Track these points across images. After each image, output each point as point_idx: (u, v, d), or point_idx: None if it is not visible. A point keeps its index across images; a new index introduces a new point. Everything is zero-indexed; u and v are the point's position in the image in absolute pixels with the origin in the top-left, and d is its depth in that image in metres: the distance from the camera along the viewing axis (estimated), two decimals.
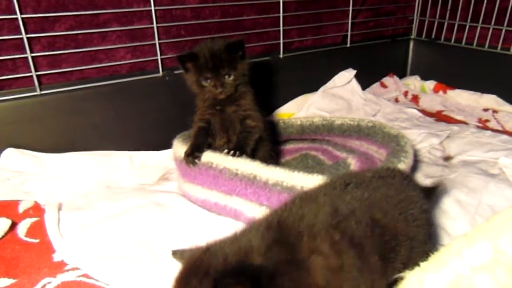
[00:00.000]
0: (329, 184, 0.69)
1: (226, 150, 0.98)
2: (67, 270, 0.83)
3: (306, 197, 0.64)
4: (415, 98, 1.86)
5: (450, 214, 1.02)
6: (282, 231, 0.55)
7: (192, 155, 1.01)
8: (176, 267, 0.56)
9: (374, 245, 0.57)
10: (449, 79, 1.86)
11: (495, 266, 0.39)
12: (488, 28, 1.72)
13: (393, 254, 0.59)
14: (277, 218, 0.58)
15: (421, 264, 0.55)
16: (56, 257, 0.89)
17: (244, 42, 1.02)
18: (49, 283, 0.77)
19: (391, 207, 0.63)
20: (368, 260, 0.56)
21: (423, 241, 0.66)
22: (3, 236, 0.95)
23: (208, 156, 1.00)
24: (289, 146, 1.42)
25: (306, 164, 1.32)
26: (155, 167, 1.29)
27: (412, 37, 2.04)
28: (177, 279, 0.54)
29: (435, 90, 1.88)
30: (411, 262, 0.64)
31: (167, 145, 1.19)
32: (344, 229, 0.56)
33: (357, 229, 0.57)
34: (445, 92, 1.85)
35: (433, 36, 1.97)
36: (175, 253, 0.63)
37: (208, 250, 0.53)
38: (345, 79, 1.76)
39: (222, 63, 0.99)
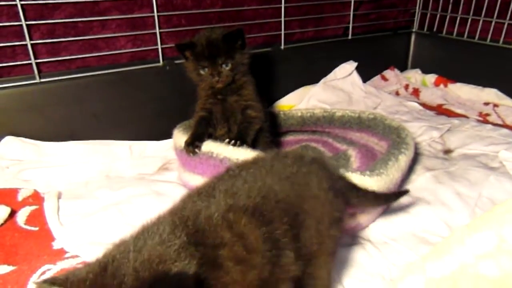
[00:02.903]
0: (219, 176, 0.65)
1: (227, 140, 0.98)
2: (67, 258, 0.83)
3: (197, 192, 0.60)
4: (416, 92, 1.86)
5: (450, 207, 1.02)
6: (186, 232, 0.50)
7: (193, 144, 1.00)
8: None
9: (279, 217, 0.56)
10: (450, 72, 1.85)
11: (498, 254, 0.39)
12: (491, 22, 1.72)
13: (297, 231, 0.58)
14: (175, 219, 0.52)
15: (422, 254, 0.55)
16: (56, 245, 0.89)
17: (243, 31, 1.01)
18: (49, 270, 0.77)
19: (286, 183, 0.61)
20: (275, 233, 0.54)
21: (328, 225, 0.64)
22: (2, 224, 0.95)
23: (208, 146, 1.00)
24: (289, 138, 1.41)
25: None
26: (155, 157, 1.29)
27: (414, 30, 2.03)
28: None
29: (436, 84, 1.87)
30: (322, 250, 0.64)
31: (167, 135, 1.19)
32: (241, 209, 0.54)
33: (254, 203, 0.55)
34: (446, 85, 1.84)
35: (434, 29, 1.96)
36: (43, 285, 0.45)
37: (107, 268, 0.43)
38: (346, 71, 1.75)
39: (218, 52, 0.99)
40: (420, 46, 2.02)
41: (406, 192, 0.85)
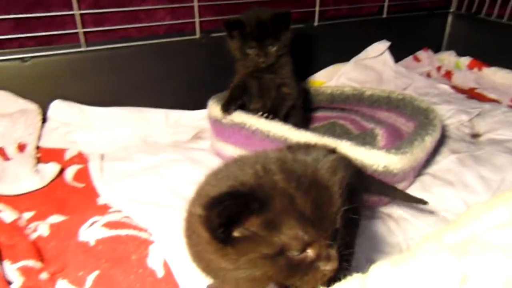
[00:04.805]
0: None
1: (260, 113, 1.03)
2: (111, 212, 0.92)
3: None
4: (448, 74, 1.84)
5: (473, 189, 1.05)
6: None
7: (229, 105, 1.06)
8: None
9: None
10: (486, 56, 1.80)
11: (508, 226, 0.43)
12: None
13: None
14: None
15: (440, 227, 0.59)
16: (100, 201, 0.99)
17: (291, 13, 1.04)
18: (97, 221, 0.86)
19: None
20: None
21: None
22: (53, 179, 1.05)
23: (241, 117, 1.05)
24: (318, 114, 1.44)
25: (333, 132, 1.35)
26: (189, 126, 1.35)
27: (452, 10, 1.98)
28: None
29: (470, 67, 1.84)
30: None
31: (201, 105, 1.24)
32: None
33: None
34: (480, 69, 1.81)
35: (473, 10, 1.90)
36: None
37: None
38: (378, 50, 1.75)
39: (267, 34, 1.03)
40: (456, 28, 1.97)
41: (424, 202, 0.86)
